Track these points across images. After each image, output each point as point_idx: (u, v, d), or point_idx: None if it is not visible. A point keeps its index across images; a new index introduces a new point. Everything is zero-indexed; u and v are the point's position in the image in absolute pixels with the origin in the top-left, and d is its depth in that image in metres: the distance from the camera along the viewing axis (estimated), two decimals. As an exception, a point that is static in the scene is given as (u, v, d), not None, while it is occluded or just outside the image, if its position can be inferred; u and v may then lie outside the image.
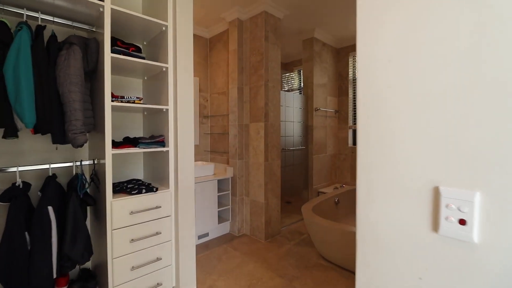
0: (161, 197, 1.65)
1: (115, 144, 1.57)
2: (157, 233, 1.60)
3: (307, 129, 3.49)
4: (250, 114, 2.82)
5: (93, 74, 1.59)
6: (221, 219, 2.89)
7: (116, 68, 1.63)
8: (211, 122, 3.37)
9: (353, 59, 3.81)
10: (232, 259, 2.33)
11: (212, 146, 3.35)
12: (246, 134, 2.87)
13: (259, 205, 2.72)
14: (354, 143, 3.87)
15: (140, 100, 1.66)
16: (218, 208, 2.76)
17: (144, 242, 1.55)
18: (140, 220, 1.54)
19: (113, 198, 1.45)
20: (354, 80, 3.81)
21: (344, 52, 3.85)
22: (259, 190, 2.72)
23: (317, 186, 3.52)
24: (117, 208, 1.45)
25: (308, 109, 3.48)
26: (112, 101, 1.45)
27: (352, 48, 3.76)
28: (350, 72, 3.81)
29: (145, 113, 1.97)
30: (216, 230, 2.80)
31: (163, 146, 1.71)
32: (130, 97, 1.62)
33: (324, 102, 3.65)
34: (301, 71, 4.54)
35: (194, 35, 2.66)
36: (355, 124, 3.81)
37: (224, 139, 3.13)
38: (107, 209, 1.43)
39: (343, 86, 3.85)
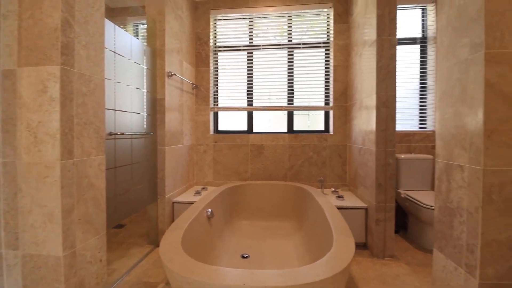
0: None
1: None
2: None
3: (155, 104, 2.18)
4: (20, 45, 1.16)
5: None
6: None
7: None
8: None
9: (215, 21, 2.89)
10: None
11: None
12: (9, 95, 1.17)
13: (49, 265, 1.16)
14: (217, 130, 2.99)
15: None
16: None
17: None
18: None
19: None
20: (217, 47, 2.91)
21: (203, 8, 2.84)
22: (47, 229, 1.16)
23: (172, 193, 2.31)
24: None
25: (156, 72, 2.18)
26: None
27: (214, 4, 2.83)
28: (212, 37, 2.87)
29: None
30: None
31: None
32: None
33: (180, 68, 2.48)
34: (139, 26, 3.06)
35: None
36: (217, 105, 2.93)
37: None
38: None
39: (203, 53, 2.86)
